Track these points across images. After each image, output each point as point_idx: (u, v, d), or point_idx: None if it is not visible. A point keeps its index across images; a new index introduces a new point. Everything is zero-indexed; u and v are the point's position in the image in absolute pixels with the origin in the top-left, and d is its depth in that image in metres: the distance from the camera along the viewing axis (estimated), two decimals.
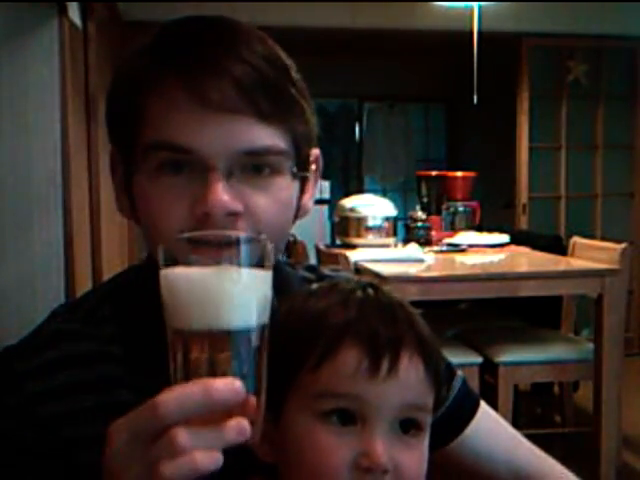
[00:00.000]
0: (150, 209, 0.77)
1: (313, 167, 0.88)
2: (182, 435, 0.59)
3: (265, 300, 0.63)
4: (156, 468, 0.59)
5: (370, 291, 0.78)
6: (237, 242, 0.62)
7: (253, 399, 0.62)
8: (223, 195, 0.73)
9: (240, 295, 0.61)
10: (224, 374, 0.60)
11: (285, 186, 0.80)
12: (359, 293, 0.77)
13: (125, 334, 0.81)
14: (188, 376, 0.61)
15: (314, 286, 0.82)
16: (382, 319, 0.74)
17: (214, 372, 0.61)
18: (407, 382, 0.73)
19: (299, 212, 0.86)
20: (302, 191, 0.85)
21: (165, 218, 0.75)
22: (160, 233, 0.75)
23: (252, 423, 0.61)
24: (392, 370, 0.72)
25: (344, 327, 0.73)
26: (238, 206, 0.75)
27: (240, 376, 0.60)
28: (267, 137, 0.76)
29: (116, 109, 0.82)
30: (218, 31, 0.78)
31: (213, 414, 0.60)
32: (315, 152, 0.88)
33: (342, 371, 0.72)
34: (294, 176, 0.80)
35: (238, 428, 0.60)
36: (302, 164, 0.83)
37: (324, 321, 0.74)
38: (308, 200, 0.88)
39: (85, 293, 0.90)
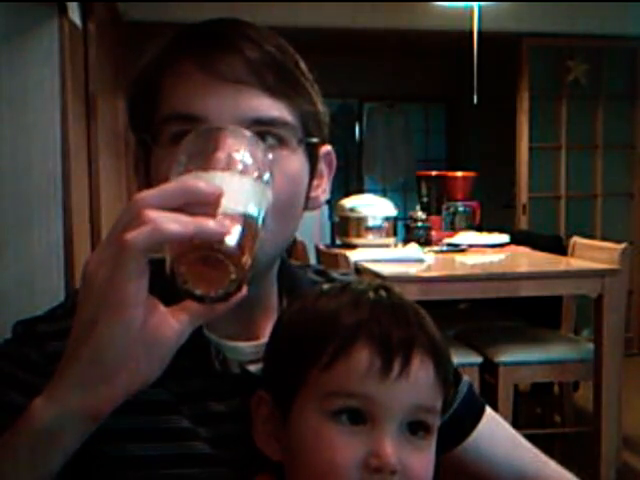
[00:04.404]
0: (161, 179, 0.76)
1: (325, 161, 0.89)
2: (153, 211, 0.59)
3: (259, 200, 0.67)
4: (120, 237, 0.59)
5: (382, 292, 0.78)
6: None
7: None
8: None
9: (229, 189, 0.65)
10: None
11: (292, 159, 0.80)
12: (371, 294, 0.77)
13: None
14: None
15: (325, 286, 0.82)
16: (394, 320, 0.74)
17: None
18: (418, 384, 0.73)
19: (309, 202, 0.86)
20: (312, 179, 0.86)
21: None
22: None
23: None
24: (403, 371, 0.72)
25: (357, 327, 0.73)
26: None
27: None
28: (274, 108, 0.79)
29: (136, 96, 0.84)
30: (232, 22, 0.82)
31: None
32: (327, 147, 0.89)
33: (354, 371, 0.72)
34: (300, 143, 0.81)
35: (217, 222, 0.60)
36: (311, 145, 0.83)
37: (336, 321, 0.74)
38: (321, 194, 0.89)
39: None
